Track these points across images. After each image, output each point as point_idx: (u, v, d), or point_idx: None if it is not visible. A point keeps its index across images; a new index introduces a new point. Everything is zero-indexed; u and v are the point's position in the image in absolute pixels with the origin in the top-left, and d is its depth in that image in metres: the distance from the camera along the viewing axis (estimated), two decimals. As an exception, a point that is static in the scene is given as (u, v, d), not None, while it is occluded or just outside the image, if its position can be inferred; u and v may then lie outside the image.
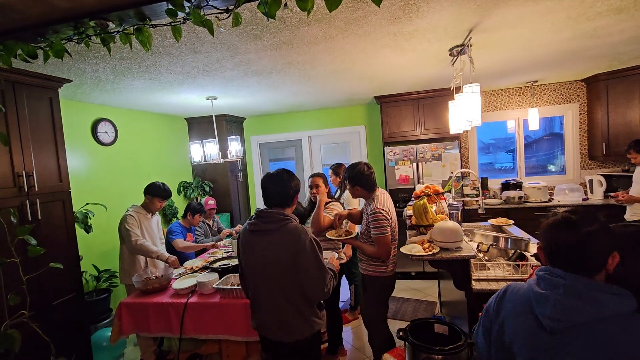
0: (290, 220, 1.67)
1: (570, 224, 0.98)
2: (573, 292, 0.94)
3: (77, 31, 1.61)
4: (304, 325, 1.70)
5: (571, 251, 0.97)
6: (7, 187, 2.27)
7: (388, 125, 4.57)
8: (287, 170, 1.77)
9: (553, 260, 1.02)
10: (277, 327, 1.70)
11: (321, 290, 1.65)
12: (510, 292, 1.12)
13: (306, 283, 1.63)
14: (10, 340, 1.74)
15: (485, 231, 2.51)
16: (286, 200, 1.72)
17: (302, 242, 1.60)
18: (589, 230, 0.95)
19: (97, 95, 3.22)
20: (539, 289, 1.01)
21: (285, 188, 1.71)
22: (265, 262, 1.66)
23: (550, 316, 0.95)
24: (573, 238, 0.97)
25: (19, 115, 2.35)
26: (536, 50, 2.90)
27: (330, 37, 2.20)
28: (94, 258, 3.41)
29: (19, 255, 1.86)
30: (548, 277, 1.00)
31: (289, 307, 1.68)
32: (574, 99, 4.51)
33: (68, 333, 2.59)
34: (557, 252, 1.00)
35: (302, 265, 1.61)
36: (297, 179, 1.79)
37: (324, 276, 1.64)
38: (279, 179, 1.71)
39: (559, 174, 4.81)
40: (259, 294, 1.73)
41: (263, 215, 1.69)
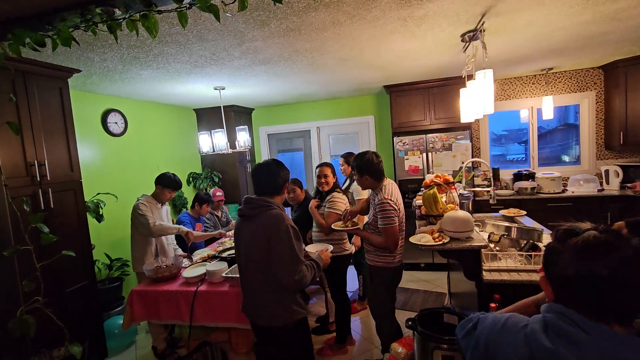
0: (271, 207, 1.71)
1: (609, 247, 0.68)
2: (599, 353, 0.66)
3: (84, 18, 1.60)
4: (283, 312, 1.72)
5: (607, 288, 0.67)
6: (20, 176, 2.30)
7: (397, 115, 4.50)
8: (277, 161, 1.86)
9: (570, 298, 0.72)
10: (258, 312, 1.76)
11: (291, 278, 1.65)
12: (508, 328, 0.81)
13: (277, 268, 1.66)
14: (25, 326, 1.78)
15: (497, 221, 2.46)
16: (273, 188, 1.78)
17: (277, 228, 1.65)
18: (629, 257, 0.67)
19: (107, 85, 3.24)
20: (547, 342, 0.71)
21: (271, 177, 1.78)
22: (247, 246, 1.72)
23: None
24: (612, 268, 0.67)
25: (29, 105, 2.37)
26: (552, 36, 2.80)
27: (338, 22, 2.16)
28: (106, 247, 3.47)
29: (32, 243, 1.89)
30: (561, 325, 0.71)
31: (267, 292, 1.72)
32: (590, 86, 4.36)
33: (81, 320, 2.65)
34: (584, 289, 0.69)
35: (275, 250, 1.64)
36: (286, 170, 1.85)
37: (295, 265, 1.66)
38: (267, 168, 1.79)
39: (573, 164, 4.70)
40: (244, 278, 1.80)
41: (248, 202, 1.76)
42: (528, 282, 1.84)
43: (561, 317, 0.72)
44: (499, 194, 4.16)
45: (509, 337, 0.79)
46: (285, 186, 1.84)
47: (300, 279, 1.68)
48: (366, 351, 2.83)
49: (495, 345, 0.81)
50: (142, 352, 3.06)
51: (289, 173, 1.89)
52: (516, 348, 0.75)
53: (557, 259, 0.74)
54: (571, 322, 0.71)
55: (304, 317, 1.80)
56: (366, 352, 2.82)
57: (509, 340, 0.78)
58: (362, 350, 2.86)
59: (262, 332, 1.82)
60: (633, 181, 3.89)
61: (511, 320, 0.82)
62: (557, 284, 0.75)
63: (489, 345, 0.83)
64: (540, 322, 0.75)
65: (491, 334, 0.84)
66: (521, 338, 0.76)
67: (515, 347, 0.76)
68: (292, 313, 1.74)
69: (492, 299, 1.74)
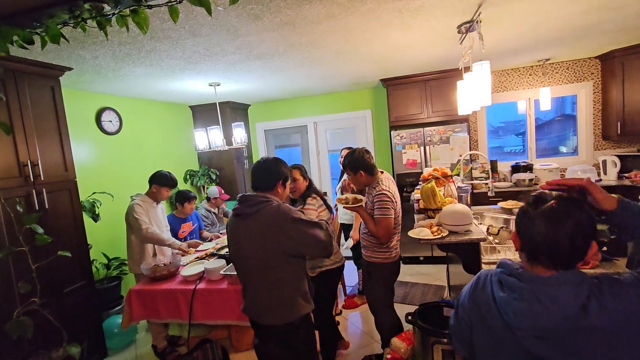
0: (270, 202, 1.65)
1: (561, 216, 0.87)
2: (531, 293, 0.87)
3: (73, 15, 1.56)
4: (289, 309, 1.67)
5: (556, 247, 0.87)
6: (13, 176, 2.27)
7: (395, 109, 4.47)
8: (277, 158, 1.81)
9: (532, 250, 0.91)
10: (263, 311, 1.70)
11: (327, 246, 1.63)
12: (482, 284, 1.02)
13: (313, 250, 1.63)
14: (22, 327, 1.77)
15: (495, 214, 2.45)
16: (267, 183, 1.73)
17: (283, 222, 1.59)
18: (578, 223, 0.86)
19: (100, 83, 3.19)
20: (500, 291, 0.93)
21: (269, 173, 1.73)
22: (249, 246, 1.65)
23: (516, 326, 0.88)
24: (562, 233, 0.86)
25: (21, 104, 2.34)
26: (549, 26, 2.78)
27: (333, 15, 2.12)
28: (103, 246, 3.45)
29: (27, 244, 1.87)
30: (505, 278, 0.92)
31: (273, 290, 1.66)
32: (587, 77, 4.35)
33: (80, 320, 2.64)
34: (538, 247, 0.89)
35: (295, 239, 1.58)
36: (286, 168, 1.81)
37: (325, 230, 1.64)
38: (265, 165, 1.76)
39: (571, 155, 4.69)
40: (246, 279, 1.74)
41: (244, 200, 1.69)
42: (527, 274, 1.84)
43: (505, 271, 0.94)
44: (497, 186, 4.15)
45: (482, 294, 0.99)
46: (287, 183, 1.79)
47: (333, 235, 1.67)
48: (366, 346, 2.84)
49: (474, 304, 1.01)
50: (142, 351, 3.06)
51: (289, 172, 1.83)
52: (488, 300, 0.96)
53: (527, 221, 0.91)
54: (511, 274, 0.92)
55: (309, 313, 1.75)
56: (366, 347, 2.83)
57: (483, 296, 0.98)
58: (362, 345, 2.86)
59: (265, 331, 1.75)
60: (630, 171, 3.90)
61: (482, 277, 1.03)
62: (525, 240, 0.92)
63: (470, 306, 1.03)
64: (496, 276, 0.96)
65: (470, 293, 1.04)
66: (489, 291, 0.97)
67: (487, 299, 0.96)
68: (299, 308, 1.68)
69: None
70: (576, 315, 0.83)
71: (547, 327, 0.85)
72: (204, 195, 4.87)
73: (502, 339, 0.94)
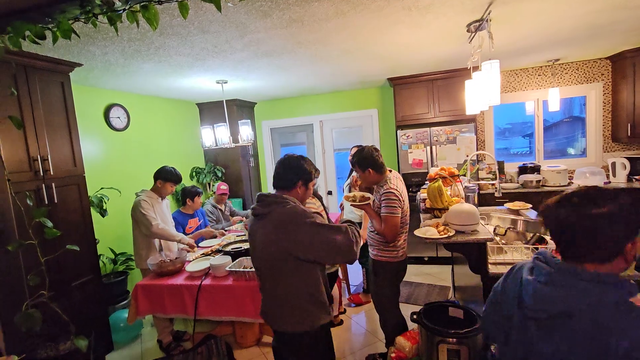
0: (285, 203, 1.56)
1: (578, 204, 0.87)
2: (554, 281, 0.88)
3: (84, 10, 1.58)
4: (305, 318, 1.57)
5: (577, 236, 0.87)
6: (23, 170, 2.30)
7: (401, 108, 4.45)
8: (301, 156, 1.70)
9: (556, 243, 0.94)
10: (278, 318, 1.62)
11: (350, 250, 1.51)
12: (515, 271, 1.07)
13: (331, 257, 1.52)
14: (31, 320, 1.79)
15: (503, 214, 2.44)
16: (288, 184, 1.63)
17: (296, 228, 1.48)
18: (602, 213, 0.83)
19: (109, 79, 3.22)
20: (528, 275, 0.96)
21: (288, 171, 1.64)
22: (262, 246, 1.58)
23: (531, 307, 0.92)
24: (580, 220, 0.86)
25: (31, 99, 2.36)
26: (560, 25, 2.75)
27: (341, 12, 2.12)
28: (110, 241, 3.48)
29: (36, 237, 1.90)
30: (538, 264, 0.95)
31: (288, 296, 1.57)
32: (597, 78, 4.29)
33: (87, 313, 2.67)
34: (560, 236, 0.91)
35: (308, 243, 1.48)
36: (310, 166, 1.69)
37: (339, 234, 1.50)
38: (286, 162, 1.67)
39: (579, 156, 4.64)
40: (262, 282, 1.67)
41: (261, 199, 1.62)
42: (535, 276, 1.82)
43: (540, 258, 0.96)
44: (504, 187, 4.12)
45: (513, 281, 1.04)
46: (300, 183, 1.65)
47: (356, 239, 1.54)
48: (370, 345, 2.83)
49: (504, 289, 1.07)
50: (147, 346, 3.08)
51: (314, 172, 1.70)
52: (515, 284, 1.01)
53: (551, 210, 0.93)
54: (544, 260, 0.94)
55: (327, 324, 1.64)
56: (370, 345, 2.82)
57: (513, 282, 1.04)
58: (366, 344, 2.86)
59: (279, 337, 1.68)
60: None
61: (516, 267, 1.08)
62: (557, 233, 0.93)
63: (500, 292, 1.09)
64: (529, 263, 1.00)
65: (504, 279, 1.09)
66: (518, 278, 1.01)
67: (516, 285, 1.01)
68: (313, 318, 1.57)
69: (498, 293, 1.73)
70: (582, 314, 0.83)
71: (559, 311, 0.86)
72: (210, 192, 4.89)
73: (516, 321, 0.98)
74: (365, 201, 2.14)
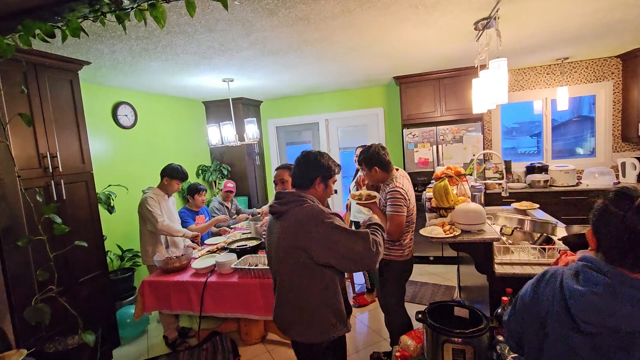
0: (302, 201, 1.48)
1: None
2: (613, 293, 0.81)
3: (92, 9, 1.59)
4: (318, 327, 1.48)
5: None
6: (33, 167, 2.34)
7: (407, 107, 4.43)
8: (319, 152, 1.62)
9: (615, 253, 0.85)
10: (284, 322, 1.55)
11: (370, 257, 1.41)
12: (549, 277, 0.98)
13: (348, 263, 1.43)
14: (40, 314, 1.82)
15: (510, 214, 2.42)
16: (305, 182, 1.56)
17: (312, 228, 1.40)
18: None
19: (116, 78, 3.25)
20: (575, 284, 0.87)
21: (305, 169, 1.57)
22: (277, 246, 1.51)
23: (585, 319, 0.84)
24: None
25: (41, 97, 2.39)
26: (569, 23, 2.71)
27: (348, 10, 2.11)
28: (117, 238, 3.52)
29: (45, 233, 1.92)
30: (588, 272, 0.86)
31: (301, 302, 1.49)
32: (607, 76, 4.23)
33: (95, 309, 2.70)
34: (625, 246, 0.82)
35: (323, 246, 1.40)
36: (330, 162, 1.61)
37: (361, 241, 1.41)
38: (303, 159, 1.60)
39: (588, 156, 4.58)
40: (276, 285, 1.60)
41: (279, 197, 1.56)
42: (541, 276, 1.81)
43: (590, 265, 0.87)
44: (511, 187, 4.08)
45: (547, 287, 0.95)
46: (318, 181, 1.57)
47: (377, 249, 1.43)
48: (374, 344, 2.83)
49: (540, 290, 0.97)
50: (153, 341, 3.11)
51: (333, 169, 1.61)
52: (557, 287, 0.92)
53: (611, 218, 0.85)
54: (596, 268, 0.86)
55: (343, 336, 1.56)
56: (374, 344, 2.82)
57: (548, 289, 0.95)
58: (370, 342, 2.86)
59: (293, 345, 1.59)
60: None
61: (549, 271, 1.00)
62: (608, 239, 0.86)
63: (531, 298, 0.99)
64: (573, 269, 0.91)
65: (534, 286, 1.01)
66: (557, 284, 0.92)
67: (554, 292, 0.92)
68: (328, 328, 1.48)
69: (504, 293, 1.72)
70: None
71: (617, 327, 0.81)
72: (216, 190, 4.92)
73: (554, 332, 0.91)
74: (372, 200, 2.13)
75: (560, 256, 1.86)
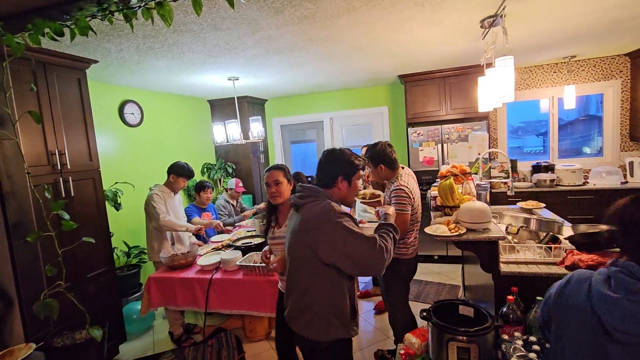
0: (317, 198, 1.47)
1: None
2: None
3: (101, 7, 1.61)
4: (320, 324, 1.48)
5: None
6: (42, 164, 2.37)
7: (412, 105, 4.42)
8: (342, 150, 1.57)
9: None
10: (290, 312, 1.56)
11: (376, 262, 1.38)
12: (574, 282, 0.94)
13: (355, 267, 1.41)
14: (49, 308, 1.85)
15: (515, 213, 2.40)
16: (328, 181, 1.53)
17: (322, 228, 1.39)
18: None
19: (123, 76, 3.28)
20: (607, 290, 0.82)
21: (325, 168, 1.54)
22: (290, 239, 1.52)
23: (620, 329, 0.79)
24: None
25: (50, 95, 2.42)
26: (576, 21, 2.68)
27: (353, 9, 2.11)
28: (124, 235, 3.55)
29: (54, 229, 1.95)
30: (621, 277, 0.82)
31: (305, 296, 1.49)
32: (616, 75, 4.18)
33: (102, 304, 2.73)
34: None
35: (329, 247, 1.39)
36: (349, 157, 1.55)
37: (367, 244, 1.38)
38: (325, 157, 1.56)
39: (595, 156, 4.54)
40: (287, 276, 1.60)
41: (300, 190, 1.54)
42: (547, 275, 1.80)
43: (625, 271, 0.83)
44: (517, 186, 4.06)
45: (574, 292, 0.91)
46: (340, 179, 1.52)
47: (383, 255, 1.38)
48: (378, 342, 2.83)
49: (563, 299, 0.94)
50: (159, 337, 3.14)
51: (354, 163, 1.55)
52: (584, 293, 0.87)
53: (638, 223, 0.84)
54: (631, 274, 0.82)
55: (343, 339, 1.52)
56: (378, 342, 2.82)
57: (575, 294, 0.90)
58: (374, 341, 2.86)
59: (297, 339, 1.58)
60: (659, 173, 3.74)
61: (575, 276, 0.95)
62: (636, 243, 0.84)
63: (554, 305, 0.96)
64: (603, 275, 0.86)
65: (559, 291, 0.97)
66: (585, 290, 0.88)
67: (580, 298, 0.88)
68: (328, 329, 1.47)
69: (509, 292, 1.71)
70: None
71: None
72: (221, 188, 4.95)
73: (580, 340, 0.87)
74: (376, 199, 2.13)
75: (566, 255, 1.85)
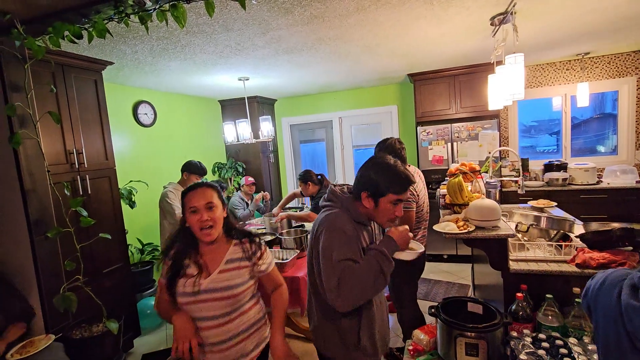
0: (332, 207, 1.42)
1: None
2: None
3: (117, 10, 1.67)
4: (315, 328, 1.47)
5: None
6: (61, 163, 2.45)
7: (422, 104, 4.41)
8: (378, 162, 1.39)
9: None
10: (310, 322, 1.54)
11: (328, 292, 1.28)
12: (608, 284, 0.87)
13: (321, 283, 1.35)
14: (68, 302, 1.92)
15: (525, 211, 2.39)
16: (355, 192, 1.41)
17: (321, 229, 1.36)
18: None
19: (137, 77, 3.36)
20: (632, 299, 0.76)
21: (359, 178, 1.42)
22: (309, 245, 1.50)
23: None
24: None
25: (68, 96, 2.51)
26: (589, 17, 2.65)
27: (362, 8, 2.13)
28: (138, 232, 3.64)
29: (72, 225, 2.03)
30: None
31: (314, 303, 1.46)
32: (631, 71, 4.10)
33: (117, 299, 2.80)
34: None
35: (320, 258, 1.34)
36: (376, 180, 1.34)
37: (329, 270, 1.28)
38: (368, 161, 1.45)
39: (609, 154, 4.45)
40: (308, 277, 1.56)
41: (327, 193, 1.50)
42: (558, 273, 1.79)
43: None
44: (528, 185, 4.01)
45: (606, 294, 0.85)
46: (365, 195, 1.36)
47: (338, 297, 1.24)
48: (388, 339, 2.84)
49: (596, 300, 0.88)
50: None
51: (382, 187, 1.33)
52: (611, 302, 0.82)
53: None
54: None
55: None
56: (388, 340, 2.83)
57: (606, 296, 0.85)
58: (384, 338, 2.87)
59: None
60: (676, 172, 3.66)
61: (610, 278, 0.88)
62: None
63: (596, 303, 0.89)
64: (635, 278, 0.80)
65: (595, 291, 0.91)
66: (615, 295, 0.82)
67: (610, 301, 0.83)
68: (328, 343, 1.44)
69: (518, 289, 1.71)
70: None
71: None
72: (232, 187, 5.02)
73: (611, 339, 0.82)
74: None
75: (577, 253, 1.84)
